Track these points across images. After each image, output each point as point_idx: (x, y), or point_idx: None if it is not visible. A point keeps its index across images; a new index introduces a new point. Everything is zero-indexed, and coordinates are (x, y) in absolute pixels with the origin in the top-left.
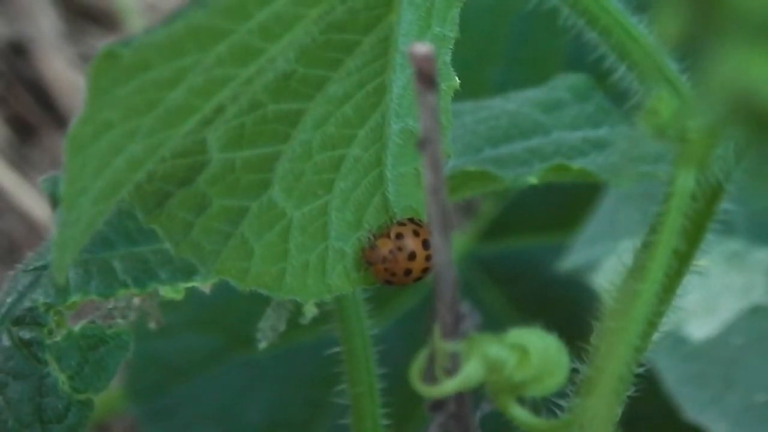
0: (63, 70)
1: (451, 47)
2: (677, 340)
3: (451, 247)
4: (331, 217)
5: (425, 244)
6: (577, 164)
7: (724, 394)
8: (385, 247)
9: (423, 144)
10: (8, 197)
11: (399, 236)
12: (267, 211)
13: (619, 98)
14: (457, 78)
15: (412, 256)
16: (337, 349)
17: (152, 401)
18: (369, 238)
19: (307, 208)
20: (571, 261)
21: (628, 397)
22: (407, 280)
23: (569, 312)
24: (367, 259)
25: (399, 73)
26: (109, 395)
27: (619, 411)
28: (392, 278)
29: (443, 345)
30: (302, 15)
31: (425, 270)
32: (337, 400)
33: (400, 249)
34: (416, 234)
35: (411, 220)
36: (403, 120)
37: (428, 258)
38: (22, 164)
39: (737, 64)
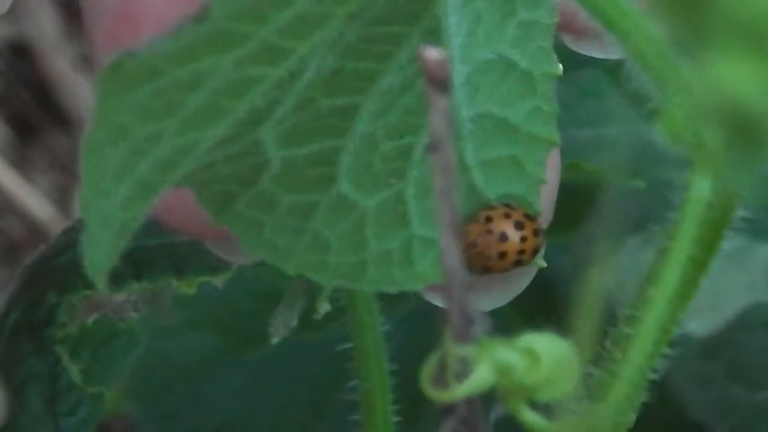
0: (63, 70)
1: (551, 33)
2: (680, 339)
3: (461, 251)
4: (409, 205)
5: (518, 226)
6: (590, 163)
7: (727, 392)
8: (474, 231)
9: (433, 147)
10: (8, 197)
11: (488, 220)
12: (338, 203)
13: (633, 99)
14: (560, 65)
15: (503, 238)
16: (343, 348)
17: (153, 401)
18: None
19: (381, 198)
20: (572, 259)
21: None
22: (505, 265)
23: (570, 311)
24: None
25: (459, 65)
26: (110, 395)
27: (633, 417)
28: (487, 263)
29: (454, 349)
30: (329, 14)
31: (522, 252)
32: (344, 397)
33: (489, 232)
34: (507, 216)
35: (504, 204)
36: (476, 107)
37: (523, 239)
38: (22, 164)
39: (725, 71)
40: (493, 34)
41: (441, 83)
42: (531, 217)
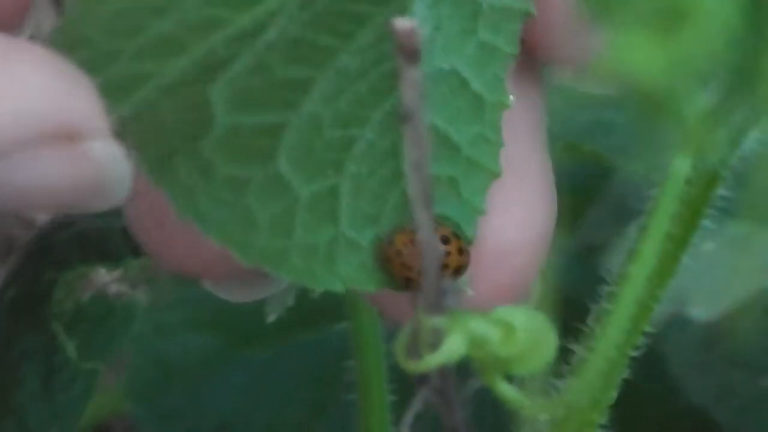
0: None
1: (507, 63)
2: (683, 324)
3: (433, 222)
4: (341, 201)
5: (443, 241)
6: (587, 146)
7: (729, 378)
8: (400, 240)
9: (406, 118)
10: None
11: (415, 231)
12: (273, 182)
13: None
14: (511, 96)
15: None
16: (341, 347)
17: (153, 401)
18: (386, 233)
19: (316, 187)
20: (575, 247)
21: (632, 381)
22: None
23: (568, 297)
24: (383, 254)
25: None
26: (109, 395)
27: (614, 394)
28: (409, 274)
29: (426, 320)
30: None
31: (444, 267)
32: (342, 396)
33: (414, 243)
34: (434, 230)
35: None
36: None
37: (447, 254)
38: None
39: (629, 46)
40: (451, 47)
41: (411, 53)
42: (458, 235)
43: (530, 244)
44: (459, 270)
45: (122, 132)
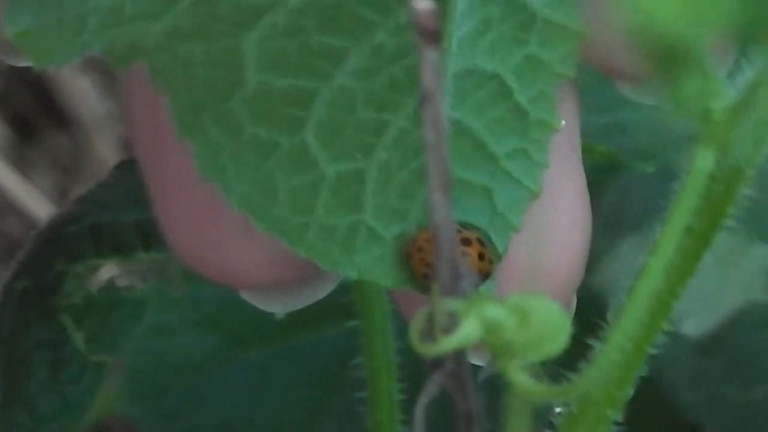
0: (63, 70)
1: (558, 82)
2: (675, 338)
3: (450, 206)
4: (366, 188)
5: (464, 242)
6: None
7: (722, 392)
8: (422, 237)
9: (424, 101)
10: (8, 197)
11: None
12: (299, 154)
13: None
14: (562, 120)
15: None
16: (342, 348)
17: (152, 401)
18: (412, 231)
19: (342, 168)
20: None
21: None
22: None
23: (582, 294)
24: (404, 250)
25: (456, 55)
26: (109, 395)
27: (630, 392)
28: (428, 271)
29: (442, 304)
30: None
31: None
32: (343, 397)
33: None
34: (458, 231)
35: (459, 222)
36: (461, 113)
37: (463, 255)
38: (22, 164)
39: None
40: (497, 51)
41: (431, 35)
42: (483, 243)
43: (570, 264)
44: (480, 275)
45: (155, 78)
